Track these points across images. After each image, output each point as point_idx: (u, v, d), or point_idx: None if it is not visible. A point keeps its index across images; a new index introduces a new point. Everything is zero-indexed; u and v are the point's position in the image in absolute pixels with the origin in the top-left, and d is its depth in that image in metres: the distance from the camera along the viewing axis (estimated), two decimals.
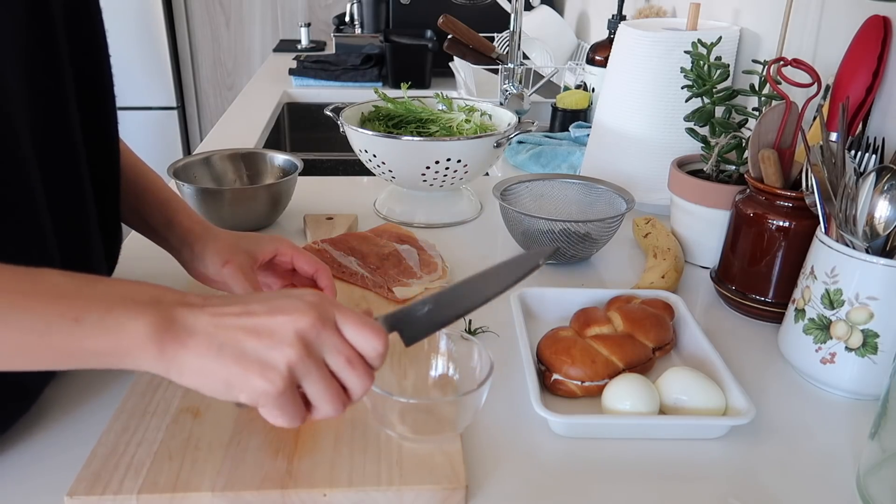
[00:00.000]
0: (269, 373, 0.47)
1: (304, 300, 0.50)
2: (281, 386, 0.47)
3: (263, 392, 0.47)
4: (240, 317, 0.48)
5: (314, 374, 0.48)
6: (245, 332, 0.47)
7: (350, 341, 0.50)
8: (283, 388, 0.47)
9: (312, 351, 0.48)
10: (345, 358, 0.49)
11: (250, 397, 0.47)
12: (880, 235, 0.64)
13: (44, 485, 0.54)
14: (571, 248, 0.89)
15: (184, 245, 0.72)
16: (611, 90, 1.10)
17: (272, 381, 0.47)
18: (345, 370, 0.49)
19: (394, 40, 2.02)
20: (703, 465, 0.59)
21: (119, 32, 2.61)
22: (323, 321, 0.49)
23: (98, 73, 0.65)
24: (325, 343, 0.49)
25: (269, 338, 0.47)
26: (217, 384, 0.47)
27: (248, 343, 0.47)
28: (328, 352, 0.49)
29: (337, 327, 0.50)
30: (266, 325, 0.48)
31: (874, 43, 0.78)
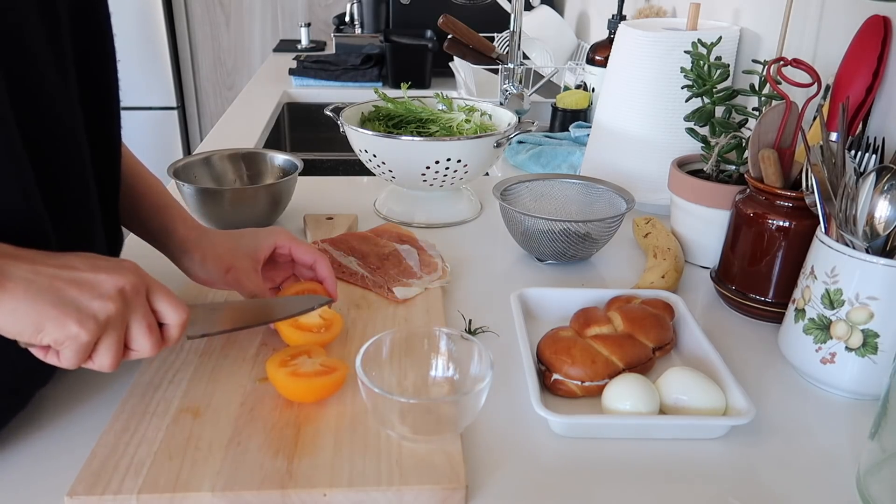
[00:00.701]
0: (87, 321, 0.50)
1: (122, 265, 0.55)
2: (92, 335, 0.51)
3: (74, 337, 0.50)
4: (60, 269, 0.51)
5: (119, 331, 0.53)
6: (65, 282, 0.51)
7: (157, 310, 0.56)
8: (92, 337, 0.51)
9: (126, 310, 0.53)
10: (147, 324, 0.54)
11: (56, 340, 0.50)
12: (880, 235, 0.64)
13: (44, 485, 0.54)
14: (571, 248, 0.89)
15: (183, 253, 0.72)
16: (611, 90, 1.10)
17: (88, 329, 0.50)
18: (143, 335, 0.54)
19: (394, 40, 2.02)
20: (703, 465, 0.59)
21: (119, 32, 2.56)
22: (141, 285, 0.54)
23: (103, 73, 0.65)
24: (137, 306, 0.54)
25: (91, 290, 0.51)
26: (25, 326, 0.49)
27: (68, 292, 0.50)
28: (135, 313, 0.54)
29: (147, 296, 0.55)
30: (87, 279, 0.52)
31: (874, 43, 0.78)
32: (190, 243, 0.72)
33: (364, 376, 0.56)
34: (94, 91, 0.63)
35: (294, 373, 0.61)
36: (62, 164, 0.58)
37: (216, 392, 0.63)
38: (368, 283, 0.83)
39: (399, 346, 0.63)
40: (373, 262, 0.87)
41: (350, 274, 0.84)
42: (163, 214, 0.73)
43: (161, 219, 0.73)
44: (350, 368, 0.62)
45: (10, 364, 0.57)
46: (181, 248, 0.72)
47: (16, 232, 0.53)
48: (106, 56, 0.65)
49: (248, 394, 0.63)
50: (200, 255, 0.71)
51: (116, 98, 0.67)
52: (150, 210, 0.74)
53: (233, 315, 0.66)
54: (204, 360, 0.67)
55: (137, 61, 2.72)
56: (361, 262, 0.87)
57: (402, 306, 0.79)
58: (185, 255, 0.72)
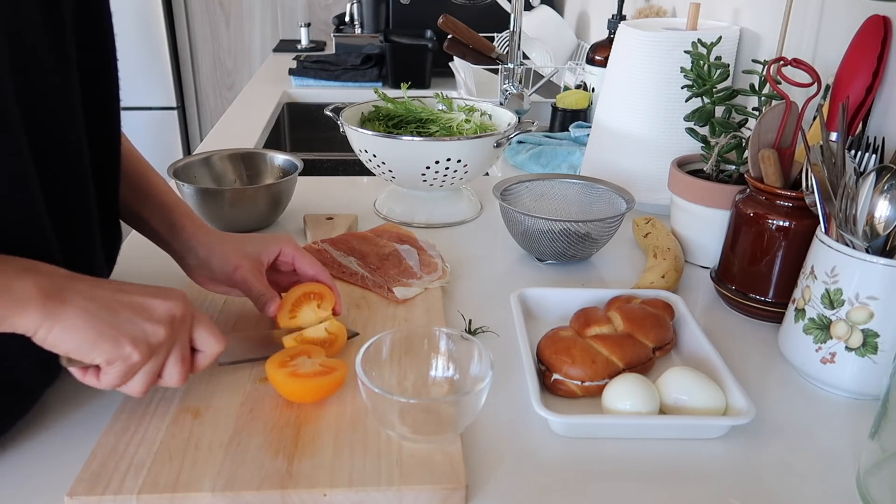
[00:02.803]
0: (140, 344, 0.52)
1: (172, 292, 0.56)
2: (144, 357, 0.52)
3: (126, 357, 0.52)
4: (116, 291, 0.53)
5: (163, 357, 0.55)
6: (121, 304, 0.52)
7: (196, 338, 0.57)
8: (143, 360, 0.53)
9: (173, 336, 0.55)
10: (181, 354, 0.56)
11: (109, 359, 0.51)
12: (880, 235, 0.64)
13: (44, 485, 0.54)
14: (571, 248, 0.89)
15: (188, 251, 0.72)
16: (611, 90, 1.10)
17: (140, 351, 0.52)
18: (177, 364, 0.56)
19: (394, 40, 2.01)
20: (703, 465, 0.59)
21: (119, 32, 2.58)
22: (188, 314, 0.56)
23: (105, 74, 0.64)
24: (181, 335, 0.55)
25: (145, 313, 0.53)
26: (82, 343, 0.50)
27: (122, 313, 0.52)
28: (177, 343, 0.55)
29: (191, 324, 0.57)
30: (142, 303, 0.53)
31: (874, 43, 0.78)
32: (196, 240, 0.72)
33: (364, 376, 0.56)
34: (95, 92, 0.63)
35: (294, 373, 0.61)
36: (63, 167, 0.58)
37: (216, 392, 0.63)
38: (368, 283, 0.83)
39: (399, 346, 0.63)
40: (373, 262, 0.87)
41: (350, 274, 0.84)
42: (168, 212, 0.73)
43: (167, 217, 0.73)
44: (350, 368, 0.62)
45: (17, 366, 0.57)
46: (187, 246, 0.72)
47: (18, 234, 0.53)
48: (107, 57, 0.65)
49: (248, 394, 0.63)
50: (206, 253, 0.71)
51: (117, 98, 0.67)
52: (156, 208, 0.73)
53: (263, 342, 0.69)
54: None
55: (137, 61, 2.72)
56: (361, 262, 0.87)
57: (402, 306, 0.79)
58: (191, 253, 0.72)
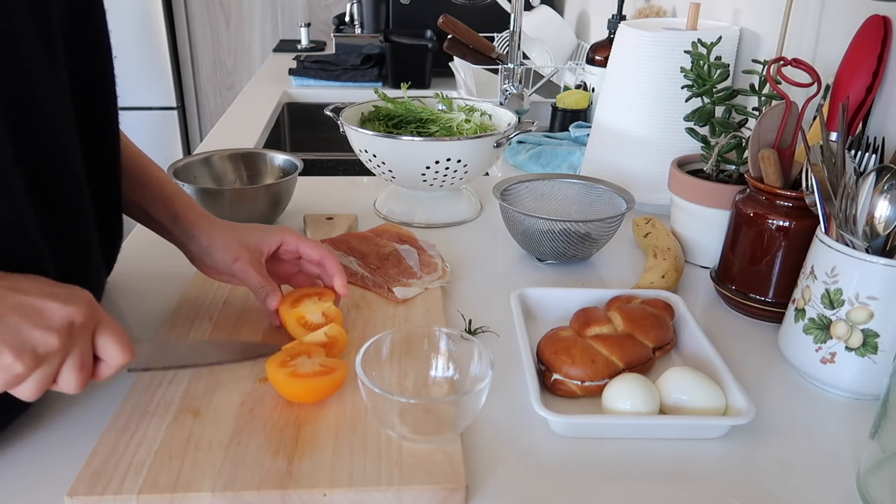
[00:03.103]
0: (24, 353, 0.46)
1: (79, 294, 0.50)
2: (28, 367, 0.47)
3: (7, 368, 0.46)
4: (8, 290, 0.47)
5: (55, 366, 0.49)
6: (9, 308, 0.47)
7: (99, 346, 0.51)
8: (27, 371, 0.47)
9: (69, 344, 0.49)
10: (80, 361, 0.50)
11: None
12: (880, 235, 0.64)
13: (44, 485, 0.54)
14: (571, 248, 0.89)
15: (190, 239, 0.73)
16: (611, 90, 1.10)
17: (23, 362, 0.46)
18: (73, 371, 0.50)
19: (394, 40, 2.01)
20: (703, 465, 0.59)
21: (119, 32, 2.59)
22: (90, 320, 0.50)
23: (100, 73, 0.64)
24: (80, 342, 0.50)
25: (37, 319, 0.47)
26: None
27: (9, 318, 0.46)
28: (74, 349, 0.49)
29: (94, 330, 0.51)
30: (35, 306, 0.47)
31: (874, 43, 0.78)
32: (197, 229, 0.72)
33: (364, 376, 0.56)
34: (89, 91, 0.62)
35: (293, 373, 0.61)
36: (53, 166, 0.57)
37: (216, 392, 0.63)
38: (368, 283, 0.83)
39: (399, 346, 0.63)
40: (373, 262, 0.87)
41: (350, 274, 0.84)
42: (169, 202, 0.74)
43: (169, 207, 0.73)
44: (350, 368, 0.62)
45: None
46: (188, 235, 0.72)
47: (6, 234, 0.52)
48: (102, 55, 0.64)
49: (248, 394, 0.63)
50: (208, 241, 0.72)
51: (114, 96, 0.66)
52: (157, 199, 0.74)
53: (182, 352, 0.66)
54: None
55: (137, 61, 2.72)
56: (361, 262, 0.87)
57: (402, 306, 0.79)
58: (193, 241, 0.72)
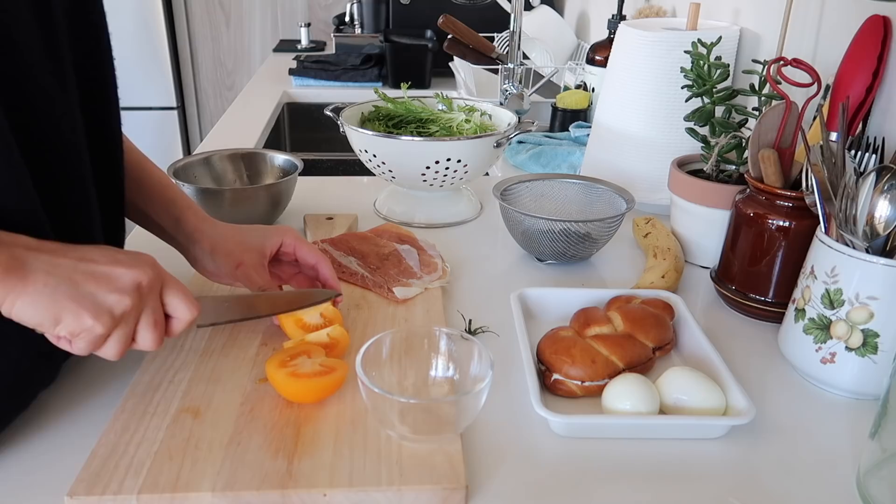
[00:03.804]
0: (103, 315, 0.52)
1: (140, 258, 0.55)
2: (107, 328, 0.52)
3: (89, 329, 0.51)
4: (79, 261, 0.52)
5: (131, 325, 0.54)
6: (83, 275, 0.52)
7: (168, 304, 0.57)
8: (107, 331, 0.52)
9: (140, 304, 0.54)
10: (154, 320, 0.55)
11: (72, 332, 0.51)
12: (880, 235, 0.64)
13: (44, 485, 0.54)
14: (571, 248, 0.89)
15: (192, 244, 0.73)
16: (611, 90, 1.10)
17: (103, 323, 0.52)
18: (148, 329, 0.55)
19: (394, 40, 2.01)
20: (703, 465, 0.59)
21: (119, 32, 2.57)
22: (156, 280, 0.55)
23: (101, 75, 0.64)
24: (150, 302, 0.55)
25: (108, 283, 0.52)
26: (45, 317, 0.50)
27: (86, 285, 0.51)
28: (146, 309, 0.55)
29: (161, 290, 0.56)
30: (106, 272, 0.53)
31: (874, 43, 0.78)
32: (200, 234, 0.72)
33: (364, 376, 0.56)
34: (92, 92, 0.62)
35: (293, 373, 0.61)
36: (61, 168, 0.58)
37: (216, 392, 0.63)
38: (368, 283, 0.83)
39: (399, 346, 0.63)
40: (373, 262, 0.87)
41: (350, 274, 0.84)
42: (171, 206, 0.74)
43: (170, 211, 0.73)
44: (350, 368, 0.62)
45: (14, 365, 0.57)
46: (191, 239, 0.73)
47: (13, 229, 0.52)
48: (103, 56, 0.64)
49: (248, 394, 0.63)
50: (210, 246, 0.72)
51: (115, 98, 0.66)
52: (159, 203, 0.74)
53: (241, 305, 0.67)
54: (204, 361, 0.67)
55: (137, 61, 2.72)
56: (361, 262, 0.87)
57: (402, 306, 0.79)
58: (195, 246, 0.73)
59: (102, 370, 0.67)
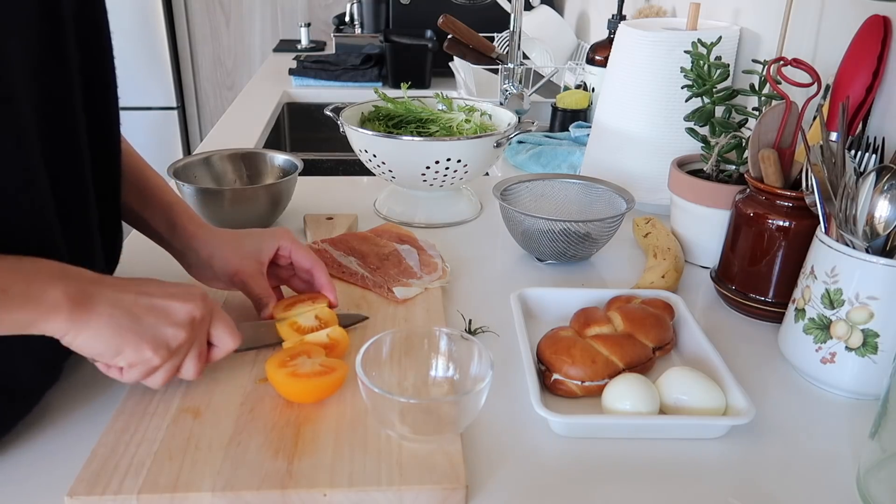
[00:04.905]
0: (161, 348, 0.55)
1: (192, 291, 0.58)
2: (163, 360, 0.55)
3: (147, 361, 0.55)
4: (139, 295, 0.55)
5: (182, 357, 0.57)
6: (144, 309, 0.54)
7: (214, 335, 0.60)
8: (163, 362, 0.55)
9: (193, 336, 0.57)
10: (199, 351, 0.58)
11: (131, 363, 0.54)
12: (880, 235, 0.64)
13: (44, 485, 0.54)
14: (571, 248, 0.89)
15: (188, 250, 0.73)
16: (611, 90, 1.10)
17: (160, 356, 0.55)
18: (194, 360, 0.58)
19: (394, 40, 2.01)
20: (703, 465, 0.59)
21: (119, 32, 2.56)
22: (207, 314, 0.58)
23: (103, 75, 0.64)
24: (199, 335, 0.58)
25: (166, 317, 0.55)
26: (107, 348, 0.53)
27: (146, 318, 0.54)
28: (196, 341, 0.58)
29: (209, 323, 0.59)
30: (163, 306, 0.55)
31: (874, 43, 0.78)
32: (196, 241, 0.72)
33: (364, 376, 0.56)
34: (94, 94, 0.62)
35: (293, 373, 0.61)
36: (63, 168, 0.58)
37: (216, 392, 0.63)
38: (368, 283, 0.83)
39: (399, 346, 0.63)
40: (373, 262, 0.87)
41: (350, 274, 0.84)
42: (168, 212, 0.73)
43: (166, 216, 0.73)
44: (350, 368, 0.62)
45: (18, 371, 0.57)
46: (187, 246, 0.73)
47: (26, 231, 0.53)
48: (104, 56, 0.64)
49: (248, 394, 0.63)
50: (207, 253, 0.72)
51: (115, 98, 0.66)
52: (156, 208, 0.74)
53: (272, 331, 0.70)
54: None
55: (137, 61, 2.72)
56: (361, 262, 0.87)
57: (402, 306, 0.79)
58: (191, 252, 0.73)
59: None
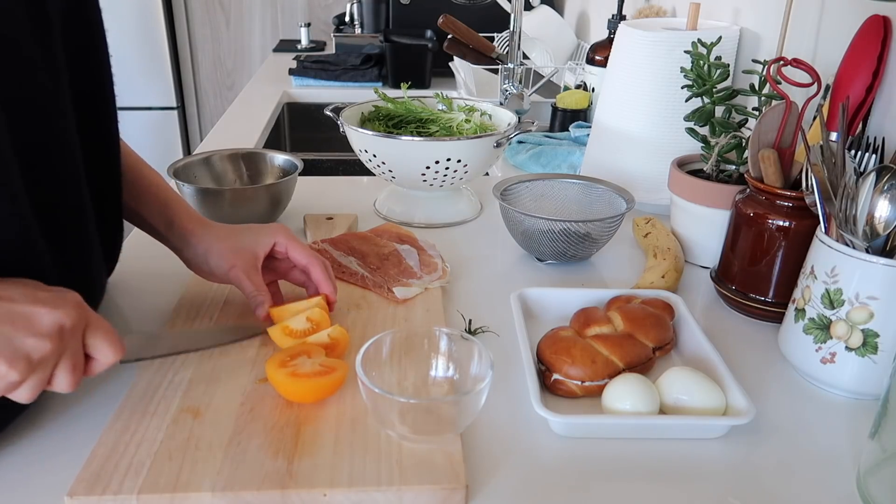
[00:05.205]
0: (19, 361, 0.47)
1: (65, 297, 0.51)
2: (23, 374, 0.48)
3: (2, 376, 0.47)
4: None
5: (48, 370, 0.49)
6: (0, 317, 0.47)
7: (90, 345, 0.52)
8: (22, 378, 0.48)
9: (60, 347, 0.49)
10: (72, 363, 0.51)
11: None
12: (880, 235, 0.64)
13: (44, 485, 0.54)
14: (571, 248, 0.89)
15: (186, 246, 0.73)
16: (611, 90, 1.10)
17: (18, 369, 0.47)
18: (66, 373, 0.51)
19: (394, 40, 2.01)
20: (703, 465, 0.59)
21: (119, 32, 2.61)
22: (80, 322, 0.51)
23: (97, 73, 0.64)
24: (71, 344, 0.50)
25: (28, 327, 0.48)
26: None
27: (1, 328, 0.47)
28: (67, 352, 0.50)
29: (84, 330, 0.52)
30: (25, 313, 0.48)
31: (874, 43, 0.78)
32: (193, 237, 0.73)
33: (364, 376, 0.56)
34: (88, 92, 0.62)
35: (293, 373, 0.61)
36: (53, 165, 0.57)
37: (216, 392, 0.63)
38: (368, 283, 0.83)
39: (399, 346, 0.63)
40: (373, 262, 0.87)
41: (350, 274, 0.84)
42: (165, 208, 0.74)
43: (163, 213, 0.74)
44: (350, 368, 0.62)
45: None
46: (184, 241, 0.73)
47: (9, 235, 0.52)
48: (98, 54, 0.64)
49: (248, 394, 0.63)
50: (204, 248, 0.72)
51: (112, 97, 0.66)
52: (153, 204, 0.74)
53: (165, 341, 0.67)
54: (204, 361, 0.67)
55: (137, 61, 2.72)
56: (361, 262, 0.87)
57: (402, 306, 0.79)
58: (189, 248, 0.73)
59: None
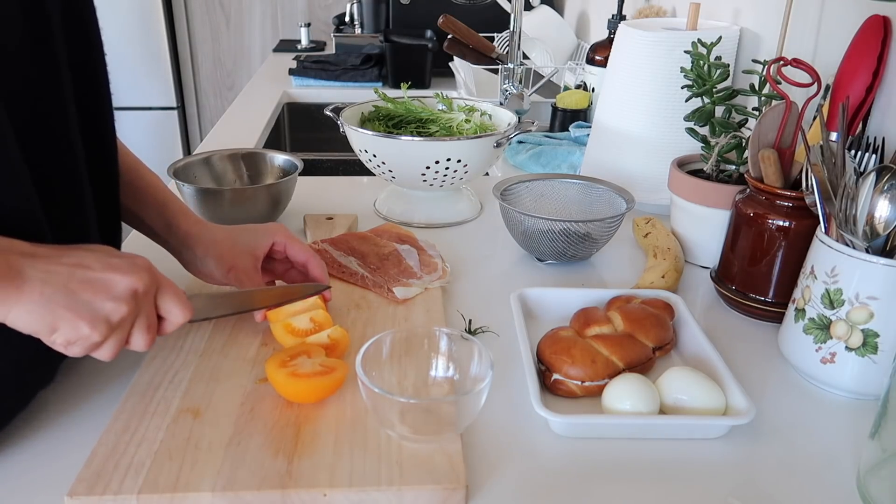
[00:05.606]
0: (99, 324, 0.52)
1: (136, 263, 0.55)
2: (103, 336, 0.53)
3: (86, 338, 0.52)
4: (75, 268, 0.52)
5: (126, 331, 0.55)
6: (79, 283, 0.51)
7: (161, 307, 0.57)
8: (103, 338, 0.53)
9: (136, 310, 0.54)
10: (147, 324, 0.56)
11: (68, 339, 0.52)
12: (880, 235, 0.64)
13: (44, 485, 0.54)
14: (571, 248, 0.89)
15: (184, 248, 0.73)
16: (611, 90, 1.10)
17: (99, 332, 0.52)
18: (142, 333, 0.56)
19: (394, 40, 2.01)
20: (703, 465, 0.59)
21: (119, 32, 2.60)
22: (152, 285, 0.56)
23: (94, 72, 0.64)
24: (145, 307, 0.55)
25: (105, 291, 0.52)
26: (41, 325, 0.50)
27: (82, 293, 0.51)
28: (141, 314, 0.55)
29: (156, 293, 0.56)
30: (101, 279, 0.52)
31: (874, 43, 0.78)
32: (192, 239, 0.73)
33: (364, 376, 0.56)
34: (85, 89, 0.62)
35: (293, 373, 0.61)
36: (54, 166, 0.57)
37: (216, 392, 0.63)
38: (368, 283, 0.83)
39: (399, 346, 0.63)
40: (373, 262, 0.87)
41: (350, 274, 0.84)
42: (163, 210, 0.74)
43: (162, 214, 0.73)
44: (350, 368, 0.62)
45: (14, 364, 0.57)
46: (183, 244, 0.73)
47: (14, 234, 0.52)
48: (94, 52, 0.64)
49: (248, 394, 0.63)
50: (202, 250, 0.72)
51: (108, 95, 0.66)
52: (151, 206, 0.74)
53: (233, 300, 0.68)
54: (204, 360, 0.67)
55: (137, 61, 2.72)
56: (361, 262, 0.87)
57: (402, 306, 0.79)
58: (187, 251, 0.73)
59: (102, 370, 0.67)
